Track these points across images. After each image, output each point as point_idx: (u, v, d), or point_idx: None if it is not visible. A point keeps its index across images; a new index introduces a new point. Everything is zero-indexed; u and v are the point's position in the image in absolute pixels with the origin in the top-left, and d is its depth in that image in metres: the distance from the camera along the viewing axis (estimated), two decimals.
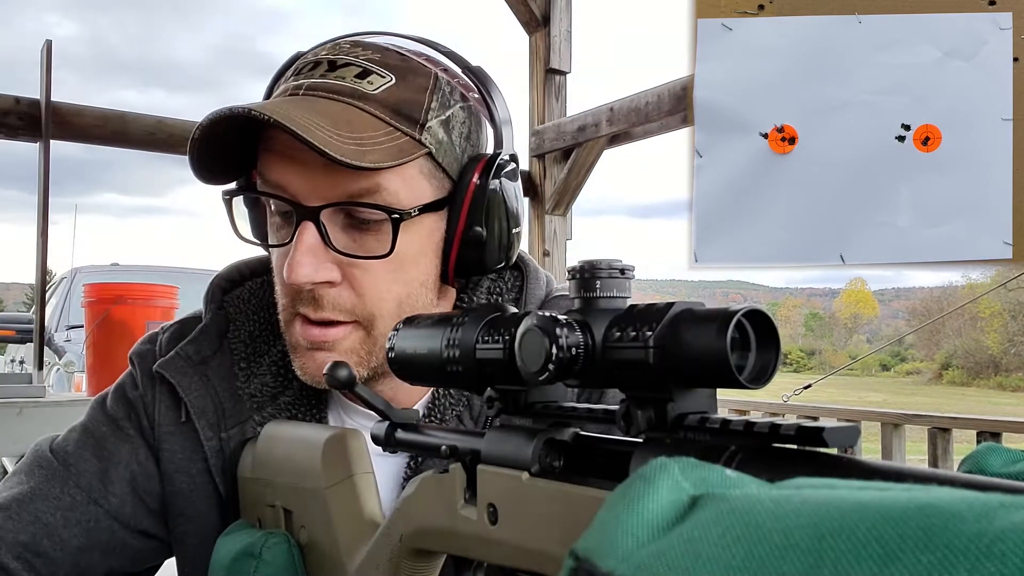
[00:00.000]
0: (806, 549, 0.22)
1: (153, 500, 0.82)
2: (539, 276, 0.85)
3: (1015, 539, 0.20)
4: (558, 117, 3.84)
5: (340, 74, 0.72)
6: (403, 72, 0.73)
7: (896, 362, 55.71)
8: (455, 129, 0.75)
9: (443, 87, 0.75)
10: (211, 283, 0.87)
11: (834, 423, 0.32)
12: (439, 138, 0.73)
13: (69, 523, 0.78)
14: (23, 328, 5.40)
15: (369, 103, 0.70)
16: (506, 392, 0.48)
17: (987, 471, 0.35)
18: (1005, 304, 43.40)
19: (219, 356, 0.82)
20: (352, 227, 0.71)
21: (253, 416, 0.80)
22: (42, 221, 2.78)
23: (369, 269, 0.71)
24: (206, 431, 0.79)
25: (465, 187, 0.74)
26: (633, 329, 0.38)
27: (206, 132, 0.67)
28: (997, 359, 44.17)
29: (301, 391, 0.82)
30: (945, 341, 47.91)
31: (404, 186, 0.71)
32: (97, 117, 2.94)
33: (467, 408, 0.78)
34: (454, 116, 0.75)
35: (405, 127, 0.71)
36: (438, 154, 0.73)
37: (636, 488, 0.28)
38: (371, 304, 0.72)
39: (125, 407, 0.84)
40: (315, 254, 0.70)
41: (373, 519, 0.65)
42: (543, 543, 0.44)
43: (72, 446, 0.82)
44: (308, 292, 0.71)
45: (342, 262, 0.71)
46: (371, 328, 0.73)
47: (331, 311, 0.72)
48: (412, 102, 0.72)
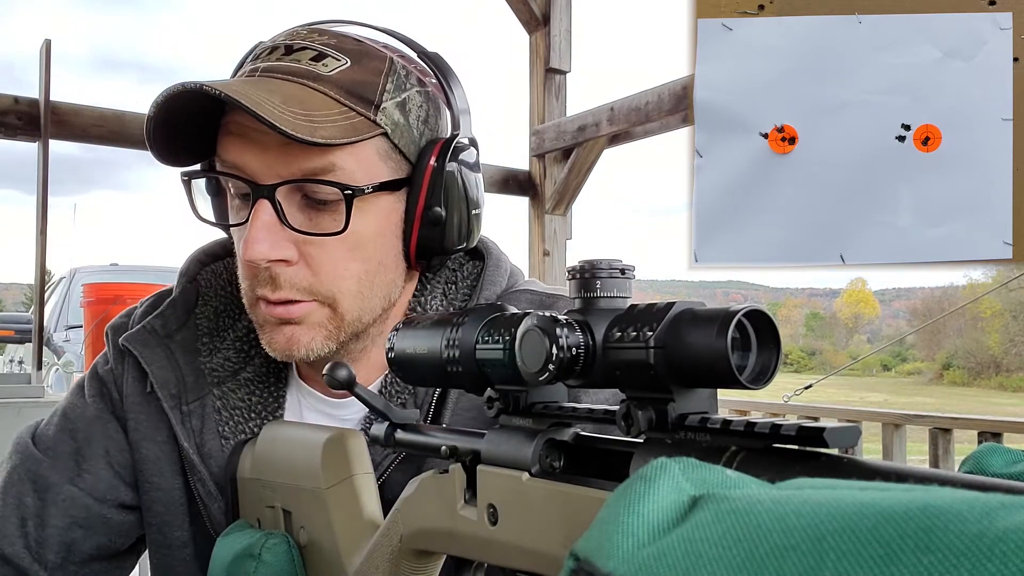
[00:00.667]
0: (807, 549, 0.22)
1: (128, 473, 0.84)
2: (500, 266, 0.85)
3: (1016, 540, 0.20)
4: (558, 117, 3.84)
5: (296, 57, 0.73)
6: (358, 55, 0.74)
7: (897, 362, 55.70)
8: (412, 112, 0.76)
9: (399, 70, 0.76)
10: (190, 256, 0.90)
11: (835, 423, 0.32)
12: (395, 119, 0.74)
13: (47, 504, 0.81)
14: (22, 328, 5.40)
15: (323, 83, 0.71)
16: (506, 392, 0.48)
17: (988, 471, 0.35)
18: (1006, 304, 43.39)
19: (184, 330, 0.84)
20: (308, 206, 0.72)
21: (213, 391, 0.82)
22: (41, 220, 2.78)
23: (325, 247, 0.72)
24: (169, 401, 0.81)
25: (423, 168, 0.75)
26: (633, 329, 0.38)
27: (161, 111, 0.68)
28: (998, 359, 44.16)
29: (261, 367, 0.84)
30: (946, 341, 47.90)
31: (359, 165, 0.72)
32: (96, 117, 2.94)
33: (412, 395, 0.79)
34: (410, 99, 0.76)
35: (359, 107, 0.72)
36: (394, 135, 0.74)
37: (636, 488, 0.28)
38: (328, 282, 0.73)
39: (97, 383, 0.87)
40: (271, 231, 0.70)
41: (373, 519, 0.65)
42: (543, 544, 0.44)
43: (52, 430, 0.85)
44: (265, 271, 0.72)
45: (298, 240, 0.72)
46: (334, 305, 0.74)
47: (288, 290, 0.73)
48: (366, 83, 0.73)
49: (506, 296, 0.83)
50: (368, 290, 0.75)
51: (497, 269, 0.85)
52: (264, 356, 0.83)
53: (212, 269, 0.88)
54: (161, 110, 0.68)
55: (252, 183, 0.71)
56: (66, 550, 0.81)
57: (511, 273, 0.87)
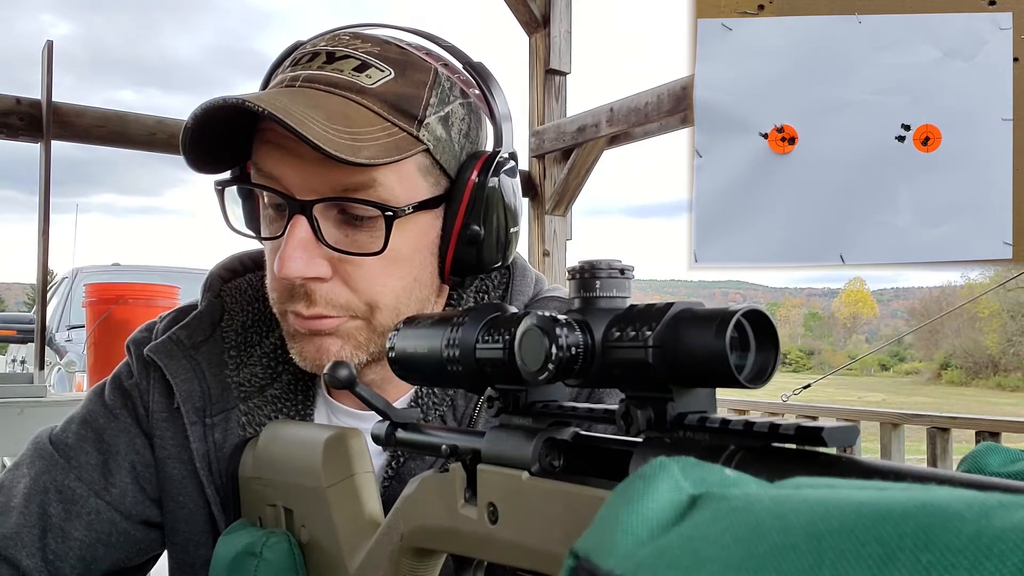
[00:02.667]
0: (805, 548, 0.22)
1: (152, 489, 0.82)
2: (527, 275, 0.85)
3: (1014, 538, 0.20)
4: (558, 117, 3.84)
5: (338, 66, 0.71)
6: (402, 66, 0.72)
7: (895, 362, 55.69)
8: (454, 126, 0.74)
9: (443, 82, 0.74)
10: (211, 272, 0.88)
11: (833, 423, 0.32)
12: (437, 135, 0.72)
13: (71, 516, 0.79)
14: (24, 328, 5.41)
15: (366, 97, 0.69)
16: (506, 392, 0.48)
17: (986, 471, 0.35)
18: (1004, 304, 43.39)
19: (210, 343, 0.82)
20: (345, 223, 0.71)
21: (239, 405, 0.80)
22: (43, 221, 2.78)
23: (362, 265, 0.71)
24: (191, 415, 0.79)
25: (463, 185, 0.73)
26: (633, 329, 0.38)
27: (199, 122, 0.67)
28: (996, 359, 44.15)
29: (289, 385, 0.82)
30: (944, 341, 47.88)
31: (400, 182, 0.70)
32: (98, 117, 2.94)
33: (451, 408, 0.78)
34: (453, 112, 0.74)
35: (403, 123, 0.70)
36: (436, 151, 0.72)
37: (636, 487, 0.28)
38: (366, 299, 0.72)
39: (121, 396, 0.84)
40: (306, 248, 0.69)
41: (373, 518, 0.65)
42: (543, 542, 0.44)
43: (72, 438, 0.82)
44: (300, 288, 0.71)
45: (333, 258, 0.70)
46: (370, 320, 0.73)
47: (324, 307, 0.71)
48: (411, 97, 0.71)
49: (534, 304, 0.82)
50: (404, 305, 0.74)
51: (524, 279, 0.84)
52: (292, 373, 0.81)
53: (236, 285, 0.86)
54: (199, 122, 0.67)
55: (289, 197, 0.69)
56: (84, 566, 0.79)
57: (536, 280, 0.86)
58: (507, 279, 0.84)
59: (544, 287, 0.86)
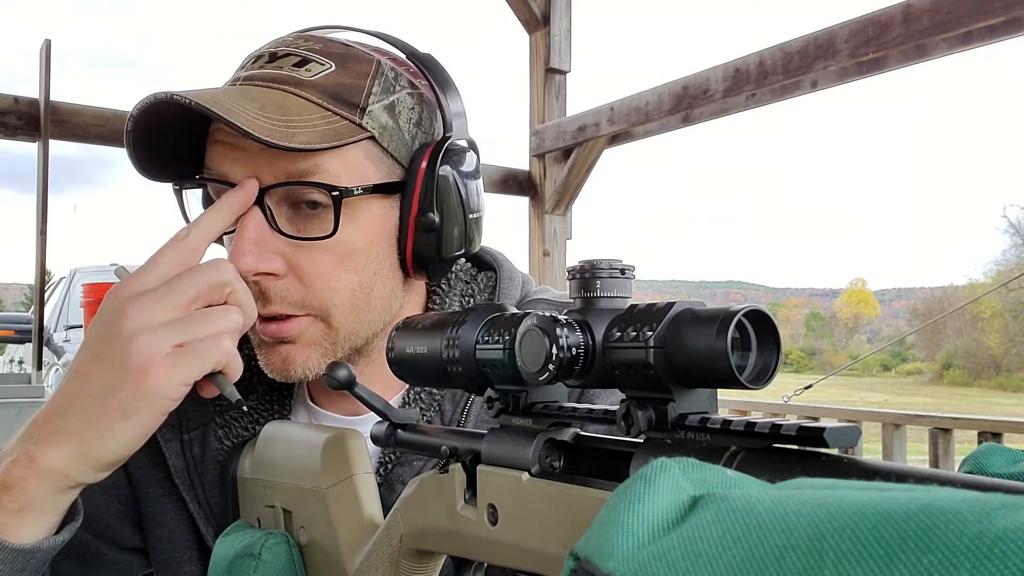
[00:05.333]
0: (807, 549, 0.22)
1: (129, 509, 0.82)
2: (513, 277, 0.84)
3: (1016, 540, 0.20)
4: (558, 117, 3.84)
5: (279, 64, 0.72)
6: (343, 59, 0.73)
7: (897, 362, 55.70)
8: (402, 114, 0.74)
9: (386, 72, 0.74)
10: None
11: (835, 423, 0.32)
12: (382, 122, 0.72)
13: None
14: (22, 328, 5.41)
15: (304, 89, 0.70)
16: (506, 392, 0.48)
17: (988, 471, 0.35)
18: (1006, 304, 43.40)
19: None
20: (297, 216, 0.71)
21: (215, 419, 0.80)
22: (41, 221, 2.78)
23: (315, 259, 0.71)
24: (165, 433, 0.79)
25: (415, 172, 0.73)
26: (633, 329, 0.38)
27: (140, 124, 0.68)
28: (998, 359, 44.15)
29: (265, 395, 0.82)
30: (946, 341, 47.90)
31: (346, 170, 0.70)
32: (95, 116, 2.94)
33: (438, 413, 0.78)
34: (400, 102, 0.74)
35: (343, 111, 0.70)
36: (382, 139, 0.72)
37: (636, 488, 0.28)
38: (320, 294, 0.71)
39: None
40: (257, 244, 0.69)
41: (373, 519, 0.65)
42: (543, 543, 0.44)
43: None
44: (254, 286, 0.70)
45: (287, 253, 0.70)
46: (328, 319, 0.72)
47: (279, 304, 0.71)
48: (351, 87, 0.72)
49: (523, 306, 0.82)
50: (364, 303, 0.73)
51: (511, 281, 0.84)
52: (266, 384, 0.81)
53: None
54: (140, 124, 0.67)
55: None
56: None
57: (523, 282, 0.86)
58: (494, 281, 0.84)
59: (532, 289, 0.86)
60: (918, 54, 2.56)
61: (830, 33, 2.62)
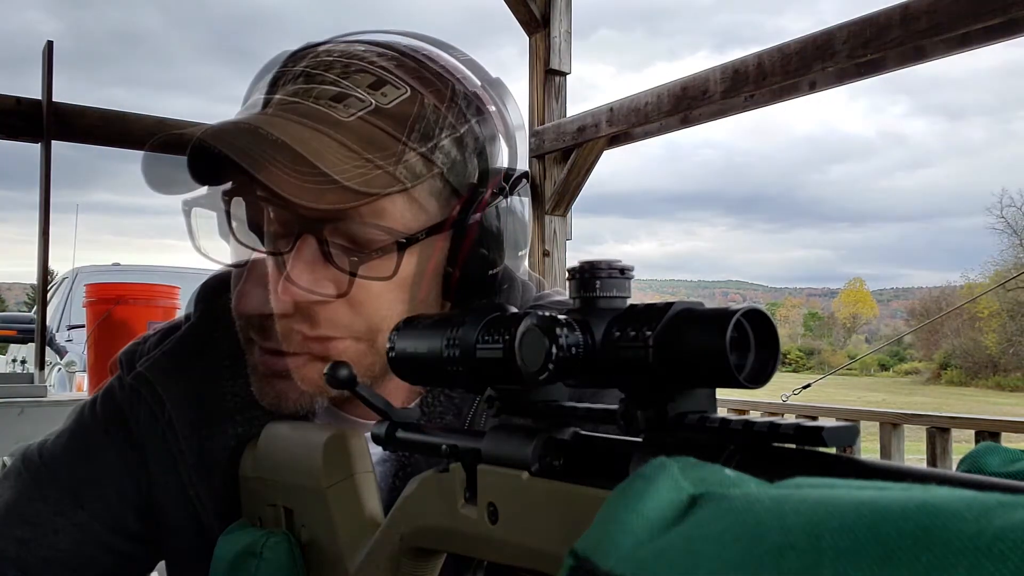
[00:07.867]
0: (805, 548, 0.23)
1: (142, 504, 0.81)
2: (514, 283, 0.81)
3: (1014, 538, 0.20)
4: (558, 117, 3.84)
5: (354, 81, 0.68)
6: (420, 82, 0.69)
7: (895, 362, 55.66)
8: (468, 146, 0.71)
9: (459, 101, 0.71)
10: (203, 283, 0.86)
11: (833, 423, 0.32)
12: (452, 156, 0.69)
13: (57, 529, 0.78)
14: (24, 328, 5.41)
15: (382, 118, 0.66)
16: (506, 392, 0.48)
17: (986, 471, 0.35)
18: (1004, 304, 43.38)
19: (204, 356, 0.80)
20: (351, 248, 0.68)
21: (235, 416, 0.78)
22: (43, 221, 2.78)
23: (368, 287, 0.68)
24: (184, 429, 0.78)
25: (474, 207, 0.70)
26: (633, 329, 0.38)
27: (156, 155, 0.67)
28: (996, 359, 44.12)
29: None
30: (944, 341, 47.86)
31: (409, 207, 0.67)
32: (98, 117, 2.94)
33: (456, 417, 0.77)
34: (469, 132, 0.71)
35: (417, 145, 0.67)
36: (450, 174, 0.69)
37: (636, 487, 0.28)
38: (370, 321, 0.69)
39: (112, 411, 0.82)
40: (313, 270, 0.67)
41: (374, 518, 0.65)
42: (543, 542, 0.44)
43: (60, 451, 0.81)
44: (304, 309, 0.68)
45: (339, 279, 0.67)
46: (373, 342, 0.71)
47: (327, 327, 0.69)
48: (428, 119, 0.68)
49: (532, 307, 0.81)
50: None
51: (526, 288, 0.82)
52: None
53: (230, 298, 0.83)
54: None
55: (299, 215, 0.66)
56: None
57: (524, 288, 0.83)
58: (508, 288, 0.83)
59: (532, 294, 0.83)
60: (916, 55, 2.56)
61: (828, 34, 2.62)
